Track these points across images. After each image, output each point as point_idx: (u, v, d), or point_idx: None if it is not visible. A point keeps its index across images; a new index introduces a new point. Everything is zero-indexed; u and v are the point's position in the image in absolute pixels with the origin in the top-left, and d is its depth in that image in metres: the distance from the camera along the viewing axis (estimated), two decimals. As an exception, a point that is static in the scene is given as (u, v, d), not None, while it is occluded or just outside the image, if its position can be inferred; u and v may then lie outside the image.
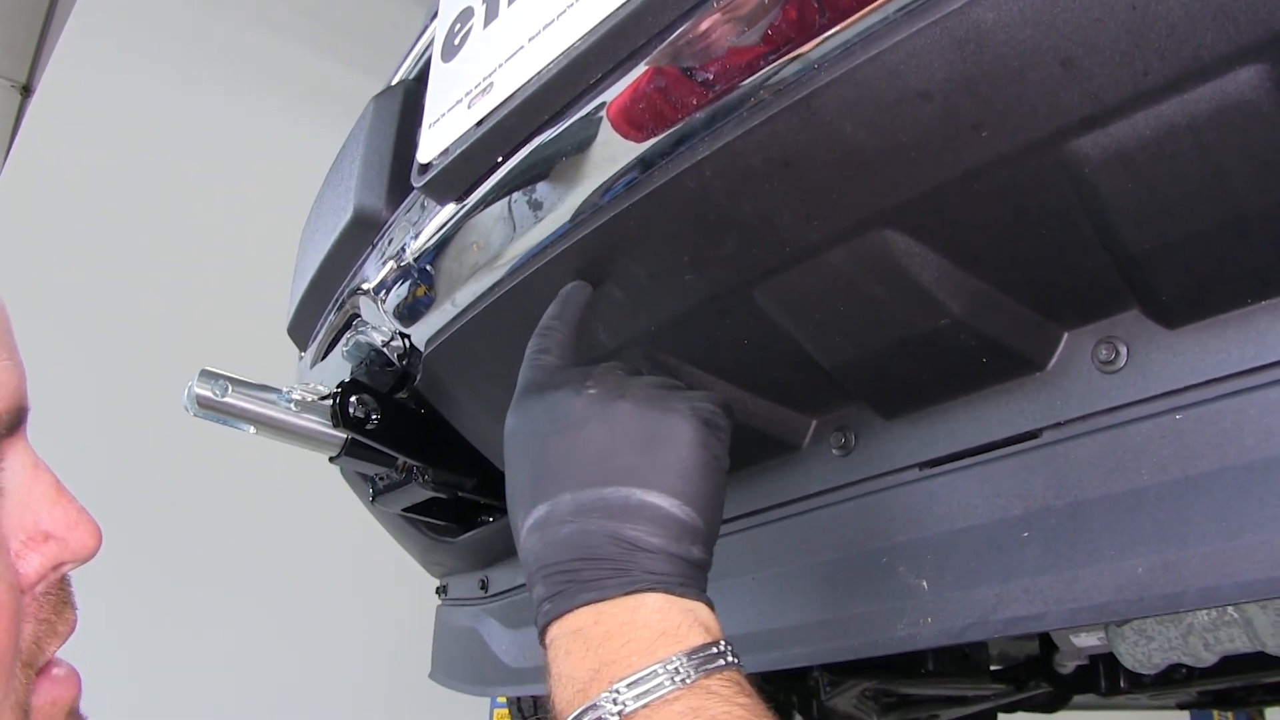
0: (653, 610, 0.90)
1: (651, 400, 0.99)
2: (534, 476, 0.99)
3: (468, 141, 1.21)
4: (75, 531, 0.83)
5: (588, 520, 0.93)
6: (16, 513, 0.80)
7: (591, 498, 0.94)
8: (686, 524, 0.94)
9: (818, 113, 0.91)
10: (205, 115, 5.30)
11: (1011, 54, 0.81)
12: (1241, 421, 0.92)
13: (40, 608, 0.82)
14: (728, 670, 0.88)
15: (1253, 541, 0.88)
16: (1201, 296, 0.94)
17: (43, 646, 0.82)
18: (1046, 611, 1.01)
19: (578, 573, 0.92)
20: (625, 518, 0.93)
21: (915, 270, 1.00)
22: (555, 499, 0.96)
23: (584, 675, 0.88)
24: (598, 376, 1.03)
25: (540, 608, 0.95)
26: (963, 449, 1.14)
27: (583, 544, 0.93)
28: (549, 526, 0.95)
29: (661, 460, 0.95)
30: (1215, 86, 0.77)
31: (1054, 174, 0.88)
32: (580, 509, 0.94)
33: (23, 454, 0.81)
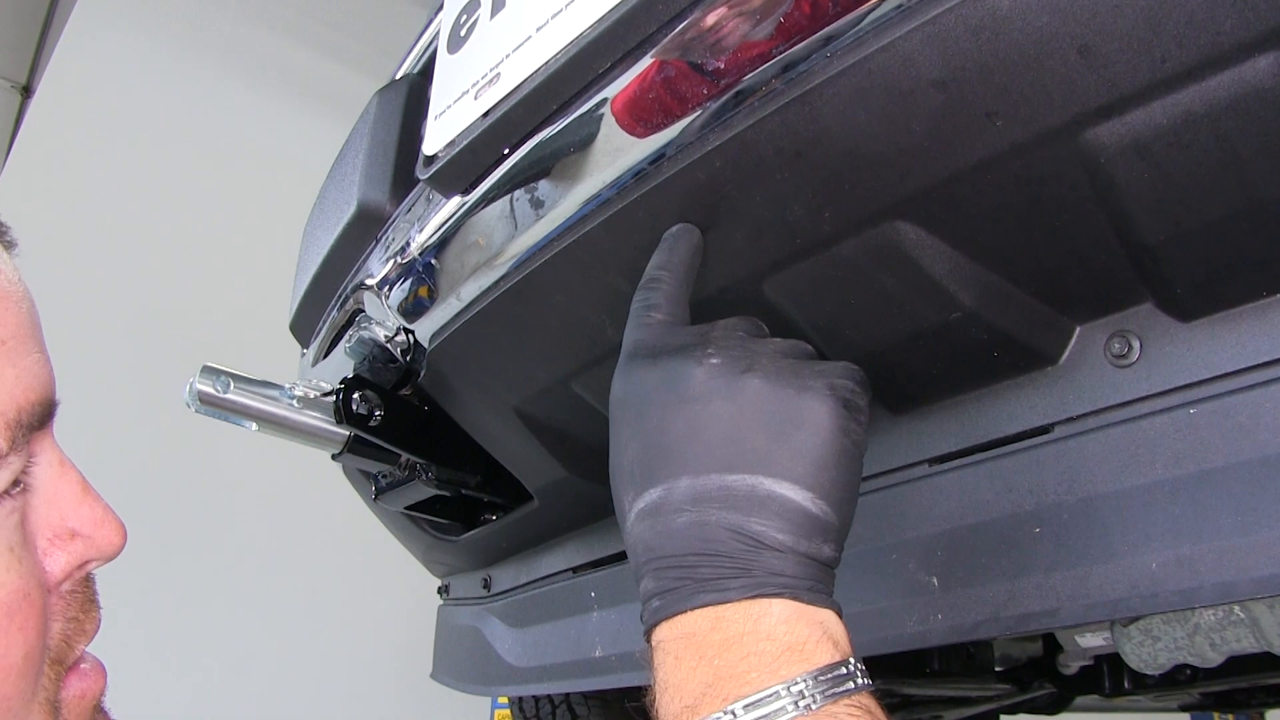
0: (778, 620, 0.81)
1: (783, 376, 0.88)
2: (646, 455, 0.89)
3: (474, 133, 1.20)
4: (102, 530, 0.83)
5: (708, 510, 0.84)
6: (44, 510, 0.81)
7: (713, 485, 0.85)
8: (819, 519, 0.85)
9: (830, 102, 0.90)
10: (206, 115, 5.31)
11: (1027, 41, 0.80)
12: (1257, 415, 0.91)
13: (68, 606, 0.83)
14: (858, 694, 0.79)
15: (1269, 536, 0.87)
16: (1216, 289, 0.93)
17: (72, 644, 0.83)
18: (1059, 608, 1.00)
19: (694, 569, 0.84)
20: (751, 510, 0.83)
21: (927, 262, 0.99)
22: (671, 483, 0.86)
23: (695, 688, 0.80)
24: (720, 341, 0.92)
25: (648, 604, 0.87)
26: (973, 444, 1.13)
27: (701, 536, 0.84)
28: (663, 514, 0.86)
29: (795, 446, 0.85)
30: (1234, 74, 0.77)
31: (1069, 163, 0.87)
32: (700, 497, 0.85)
33: (50, 451, 0.82)
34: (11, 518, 0.76)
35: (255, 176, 5.25)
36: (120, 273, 4.70)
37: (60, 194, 4.70)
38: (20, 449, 0.76)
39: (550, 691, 2.00)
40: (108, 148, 4.90)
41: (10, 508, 0.76)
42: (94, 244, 4.68)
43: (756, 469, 0.85)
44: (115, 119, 4.99)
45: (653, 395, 0.91)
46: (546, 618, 1.90)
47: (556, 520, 1.79)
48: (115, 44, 5.10)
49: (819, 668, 0.79)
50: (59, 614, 0.82)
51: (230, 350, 3.04)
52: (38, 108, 5.07)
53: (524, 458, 1.64)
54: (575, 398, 1.41)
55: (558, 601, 1.86)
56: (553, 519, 1.79)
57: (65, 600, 0.83)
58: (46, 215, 4.60)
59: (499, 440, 1.66)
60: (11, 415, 0.75)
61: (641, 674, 1.43)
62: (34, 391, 0.77)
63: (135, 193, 4.89)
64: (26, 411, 0.76)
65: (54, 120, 4.89)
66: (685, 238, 1.06)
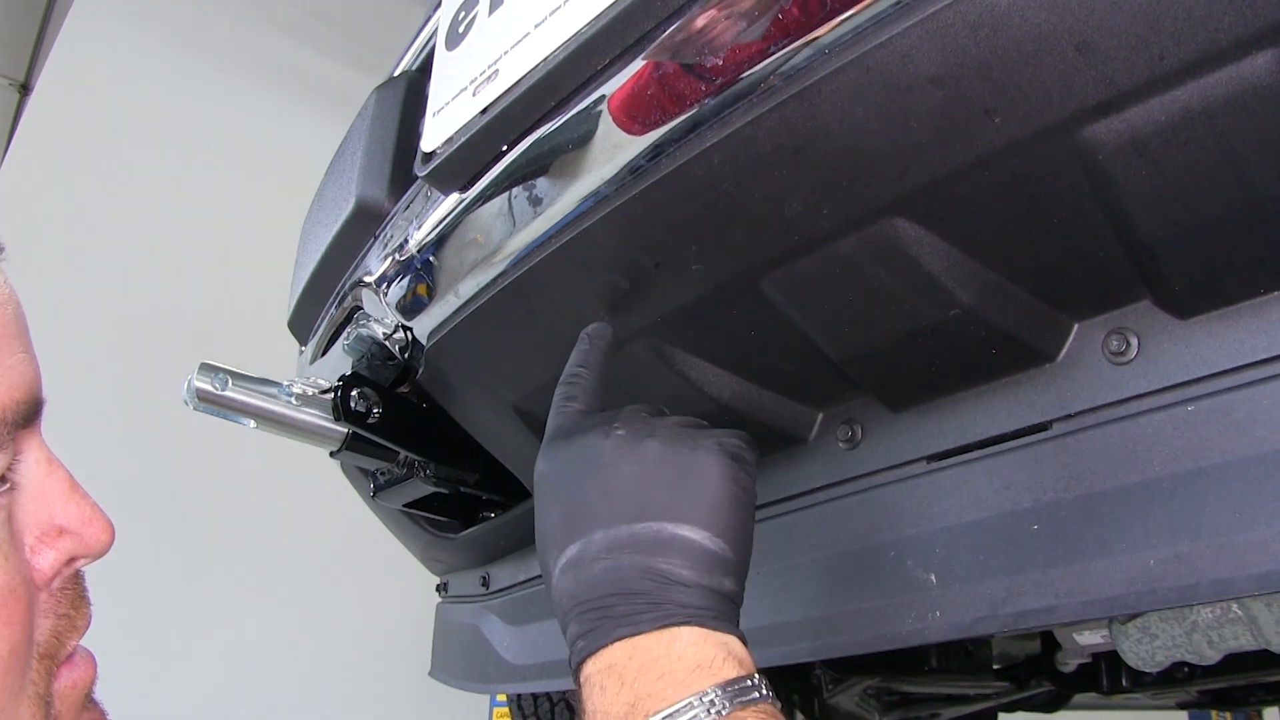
0: (688, 643, 0.89)
1: (679, 438, 0.99)
2: (566, 517, 0.99)
3: (473, 129, 1.21)
4: (89, 527, 0.85)
5: (620, 556, 0.93)
6: (31, 508, 0.82)
7: (623, 534, 0.94)
8: (718, 556, 0.94)
9: (828, 99, 0.90)
10: (204, 112, 5.30)
11: (1026, 37, 0.80)
12: (1254, 413, 0.91)
13: (59, 603, 0.84)
14: (761, 703, 0.87)
15: (1266, 533, 0.87)
16: (1214, 286, 0.93)
17: (63, 640, 0.84)
18: (1057, 605, 1.00)
19: (611, 608, 0.92)
20: (657, 552, 0.92)
21: (925, 259, 0.99)
22: (587, 537, 0.95)
23: (619, 711, 0.88)
24: (625, 419, 1.03)
25: (574, 645, 0.94)
26: (971, 441, 1.13)
27: (616, 579, 0.92)
28: (582, 564, 0.95)
29: (691, 494, 0.95)
30: (1232, 71, 0.77)
31: (1067, 160, 0.87)
32: (612, 545, 0.94)
33: (37, 449, 0.83)
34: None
35: (254, 173, 5.25)
36: (119, 269, 4.70)
37: (58, 191, 4.69)
38: (5, 447, 0.77)
39: (548, 689, 2.01)
40: (106, 145, 4.90)
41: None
42: (92, 241, 4.68)
43: (660, 516, 0.95)
44: (114, 116, 4.98)
45: (569, 468, 1.02)
46: (544, 615, 1.90)
47: (555, 517, 1.79)
48: (113, 41, 5.10)
49: (726, 680, 0.87)
50: (49, 611, 0.83)
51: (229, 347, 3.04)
52: (36, 105, 5.06)
53: (522, 455, 1.64)
54: (573, 395, 1.40)
55: (556, 599, 1.86)
56: (551, 516, 1.79)
57: (55, 597, 0.84)
58: (44, 212, 4.60)
59: (497, 437, 1.66)
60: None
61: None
62: (18, 390, 0.78)
63: (134, 190, 4.88)
64: (11, 410, 0.77)
65: (52, 118, 4.88)
66: (601, 336, 1.19)
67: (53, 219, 4.59)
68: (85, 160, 4.83)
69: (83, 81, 4.96)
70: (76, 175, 4.77)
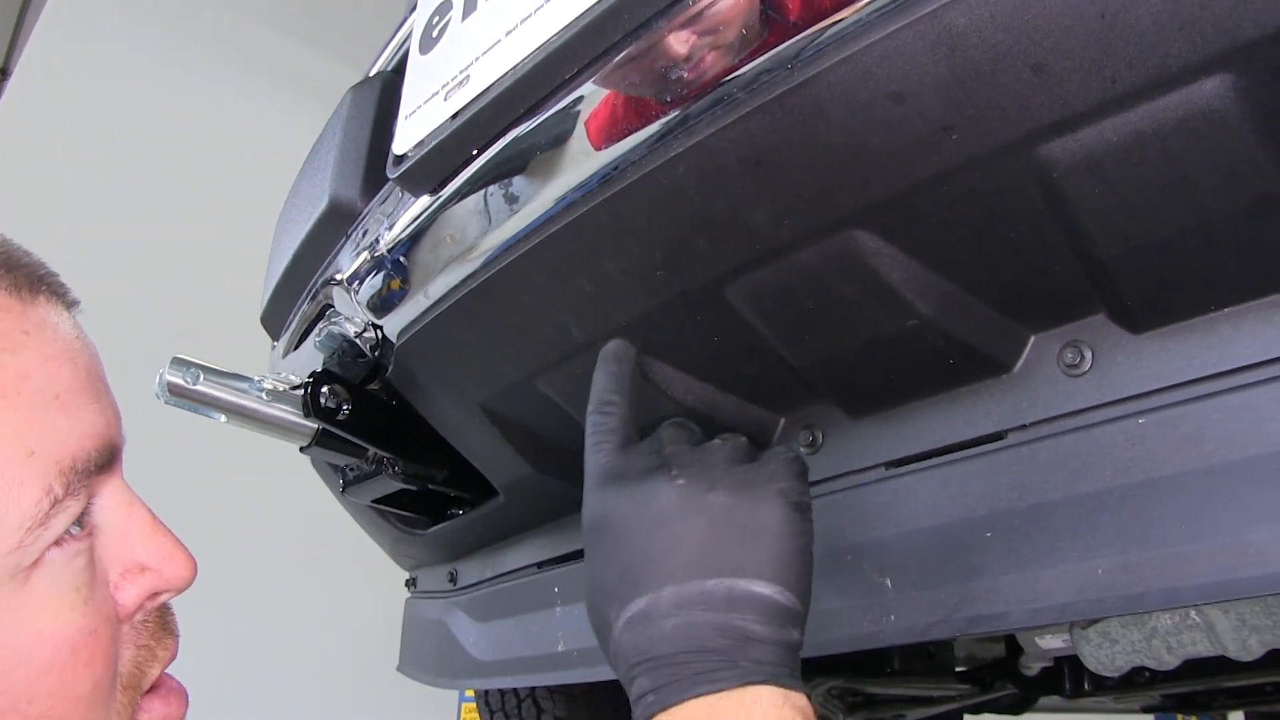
0: (768, 705, 0.89)
1: (742, 490, 0.97)
2: (629, 570, 0.97)
3: (443, 134, 1.22)
4: (170, 564, 0.90)
5: (692, 613, 0.92)
6: (114, 547, 0.87)
7: (695, 590, 0.93)
8: (788, 609, 0.94)
9: (790, 112, 0.92)
10: (183, 101, 5.28)
11: (983, 58, 0.81)
12: (1203, 426, 0.93)
13: (139, 635, 0.89)
14: None
15: (1213, 544, 0.89)
16: (1166, 302, 0.95)
17: (144, 670, 0.89)
18: (1008, 611, 1.02)
19: (686, 665, 0.90)
20: (731, 609, 0.92)
21: (885, 271, 1.01)
22: (655, 593, 0.94)
23: None
24: (678, 460, 1.01)
25: (643, 700, 0.93)
26: (929, 449, 1.15)
27: (690, 636, 0.91)
28: (651, 620, 0.93)
29: (761, 550, 0.94)
30: (1182, 95, 0.78)
31: (1023, 178, 0.89)
32: (684, 602, 0.93)
33: (119, 491, 0.88)
34: (77, 560, 0.82)
35: (233, 164, 5.22)
36: (94, 259, 4.66)
37: (35, 178, 4.67)
38: (78, 493, 0.81)
39: (515, 685, 2.01)
40: (84, 132, 4.87)
41: (75, 550, 0.82)
42: (67, 229, 4.65)
43: (731, 573, 0.93)
44: (92, 103, 4.95)
45: (628, 517, 0.99)
46: (511, 612, 1.91)
47: (522, 516, 1.80)
48: (93, 27, 5.07)
49: None
50: (130, 642, 0.88)
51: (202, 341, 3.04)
52: (14, 91, 5.04)
53: (490, 454, 1.65)
54: (540, 396, 1.41)
55: (522, 596, 1.87)
56: (518, 515, 1.80)
57: (138, 630, 0.89)
58: (20, 199, 4.57)
59: (465, 436, 1.66)
60: (67, 463, 0.80)
61: (602, 669, 1.45)
62: (89, 440, 0.82)
63: (111, 179, 4.86)
64: (82, 459, 0.81)
65: (30, 104, 4.86)
66: (625, 357, 1.14)
67: (28, 206, 4.56)
68: (62, 148, 4.80)
69: (61, 68, 4.93)
70: (54, 162, 4.75)
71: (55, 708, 0.79)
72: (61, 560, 0.80)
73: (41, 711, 0.78)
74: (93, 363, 0.87)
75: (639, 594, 0.95)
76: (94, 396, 0.85)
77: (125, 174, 4.92)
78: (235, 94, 5.52)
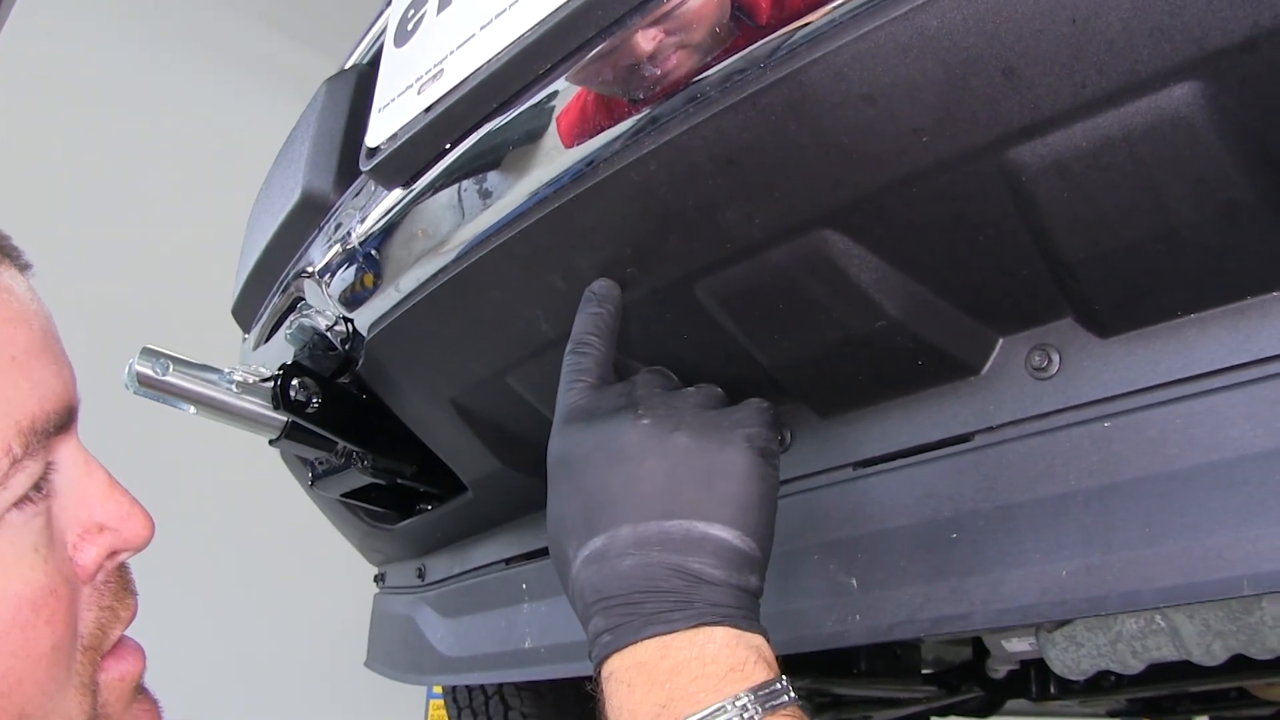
0: (720, 645, 0.89)
1: (707, 432, 0.98)
2: (588, 508, 0.98)
3: (416, 127, 1.21)
4: (128, 522, 0.90)
5: (649, 553, 0.93)
6: (72, 508, 0.87)
7: (652, 530, 0.94)
8: (746, 554, 0.94)
9: (762, 111, 0.92)
10: (155, 90, 5.24)
11: (954, 61, 0.82)
12: (1167, 431, 0.93)
13: (102, 596, 0.90)
14: (790, 706, 0.89)
15: (1174, 548, 0.90)
16: (1133, 307, 0.96)
17: (106, 631, 0.90)
18: (972, 612, 1.03)
19: (640, 605, 0.92)
20: (688, 550, 0.92)
21: (854, 271, 1.01)
22: (613, 531, 0.95)
23: (648, 711, 0.88)
24: (646, 401, 1.02)
25: (598, 639, 0.94)
26: (896, 450, 1.16)
27: (645, 576, 0.92)
28: (607, 559, 0.94)
29: (721, 493, 0.95)
30: (1150, 101, 0.79)
31: (992, 181, 0.89)
32: (641, 541, 0.93)
33: (75, 452, 0.88)
34: (36, 520, 0.82)
35: (205, 156, 5.19)
36: (64, 249, 4.63)
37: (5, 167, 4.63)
38: (37, 454, 0.81)
39: (481, 681, 2.02)
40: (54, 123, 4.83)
41: (34, 511, 0.82)
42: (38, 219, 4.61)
43: (690, 514, 0.94)
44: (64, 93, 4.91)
45: (590, 455, 1.00)
46: (478, 608, 1.91)
47: (490, 512, 1.80)
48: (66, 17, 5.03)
49: (757, 684, 0.88)
50: (93, 603, 0.89)
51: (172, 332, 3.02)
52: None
53: (459, 449, 1.65)
54: (510, 391, 1.42)
55: (490, 592, 1.87)
56: (486, 511, 1.80)
57: (99, 590, 0.90)
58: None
59: (435, 431, 1.66)
60: (26, 424, 0.80)
61: (568, 666, 1.45)
62: (49, 401, 0.83)
63: (82, 169, 4.82)
64: (41, 420, 0.82)
65: (3, 98, 4.82)
66: (608, 299, 1.14)
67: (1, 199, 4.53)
68: (33, 137, 4.76)
69: (33, 57, 4.89)
70: (24, 151, 4.71)
71: (16, 667, 0.79)
72: (21, 521, 0.80)
73: (3, 671, 0.78)
74: (48, 325, 0.87)
75: (597, 532, 0.96)
76: (51, 358, 0.85)
77: (96, 164, 4.89)
78: (209, 84, 5.49)
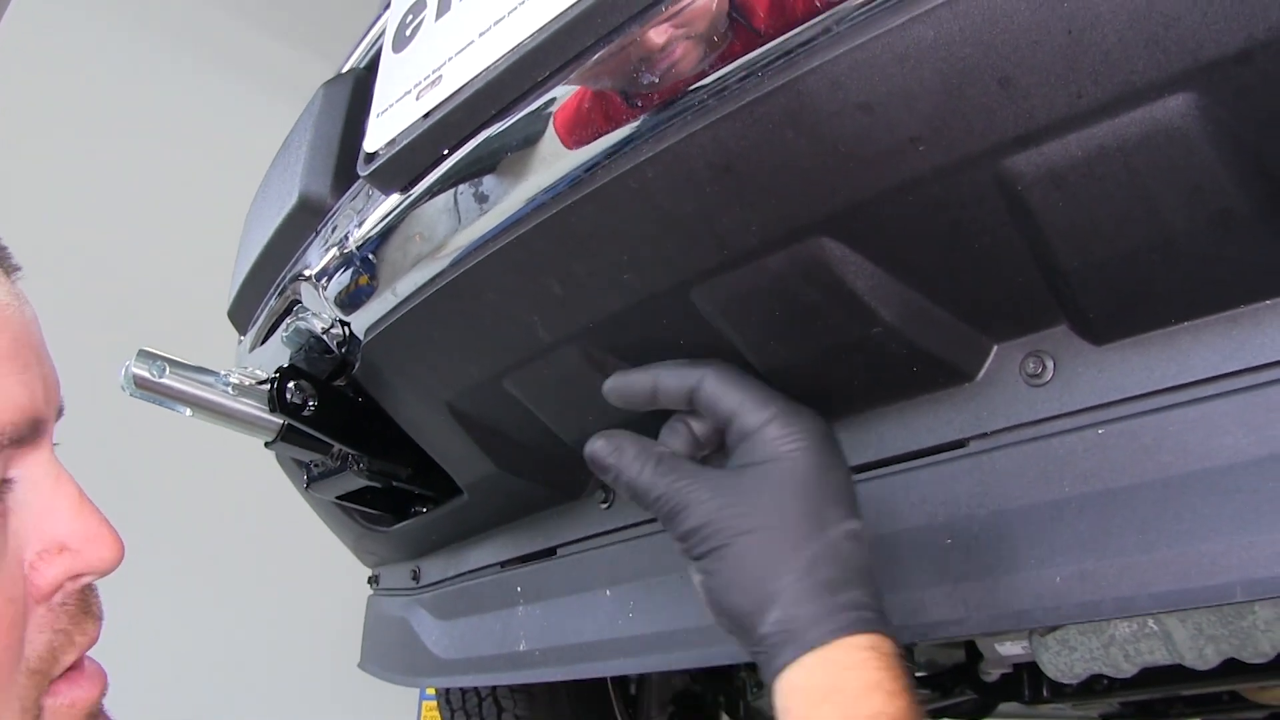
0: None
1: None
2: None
3: (414, 133, 1.22)
4: (93, 544, 0.85)
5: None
6: (34, 523, 0.83)
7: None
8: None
9: (760, 119, 0.92)
10: (153, 92, 5.24)
11: (950, 71, 0.82)
12: (1161, 438, 0.94)
13: (57, 618, 0.85)
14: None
15: (1168, 554, 0.90)
16: (1127, 315, 0.97)
17: (58, 656, 0.84)
18: (967, 617, 1.03)
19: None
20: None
21: (850, 278, 1.02)
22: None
23: None
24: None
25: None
26: (891, 455, 1.16)
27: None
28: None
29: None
30: (1145, 112, 0.80)
31: (988, 189, 0.90)
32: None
33: (44, 465, 0.84)
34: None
35: (202, 158, 5.19)
36: (61, 250, 4.64)
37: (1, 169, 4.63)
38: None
39: (476, 684, 2.01)
40: (51, 124, 4.83)
41: None
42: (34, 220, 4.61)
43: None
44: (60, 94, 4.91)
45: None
46: (473, 610, 1.91)
47: (485, 515, 1.80)
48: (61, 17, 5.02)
49: None
50: (46, 625, 0.84)
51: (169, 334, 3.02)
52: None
53: (454, 452, 1.65)
54: (506, 395, 1.42)
55: (484, 595, 1.87)
56: (481, 514, 1.80)
57: (55, 613, 0.85)
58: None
59: (430, 434, 1.67)
60: None
61: (562, 669, 1.45)
62: (9, 412, 0.79)
63: (78, 170, 4.82)
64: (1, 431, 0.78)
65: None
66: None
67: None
68: (29, 138, 4.76)
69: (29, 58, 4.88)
70: (20, 153, 4.71)
71: None
72: None
73: None
74: (24, 331, 0.84)
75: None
76: (19, 367, 0.81)
77: (94, 165, 4.89)
78: (206, 86, 5.49)
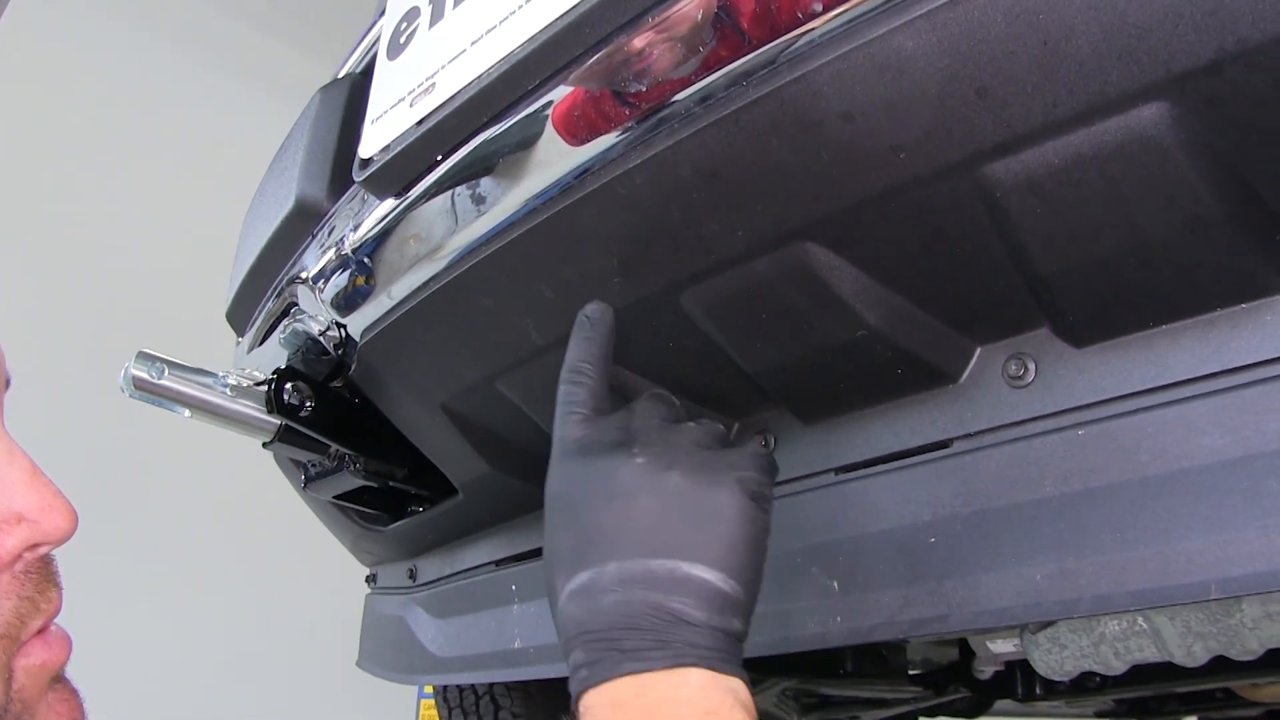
0: (696, 687, 0.89)
1: (700, 472, 0.97)
2: (578, 542, 0.98)
3: (408, 139, 1.23)
4: (49, 514, 0.88)
5: (632, 590, 0.92)
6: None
7: (638, 569, 0.93)
8: (729, 596, 0.93)
9: (745, 127, 0.94)
10: (150, 94, 5.24)
11: (930, 81, 0.84)
12: (1139, 439, 0.96)
13: (22, 585, 0.87)
14: None
15: (1145, 553, 0.92)
16: (1106, 318, 0.98)
17: (25, 621, 0.87)
18: (949, 614, 1.05)
19: (619, 642, 0.91)
20: (672, 590, 0.92)
21: (835, 282, 1.03)
22: (600, 567, 0.95)
23: None
24: (643, 437, 1.02)
25: (577, 673, 0.94)
26: (877, 456, 1.18)
27: (626, 613, 0.92)
28: (592, 593, 0.94)
29: (709, 534, 0.94)
30: (1119, 121, 0.81)
31: (968, 196, 0.92)
32: (626, 579, 0.93)
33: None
34: None
35: (200, 161, 5.19)
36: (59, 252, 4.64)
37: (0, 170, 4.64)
38: None
39: (471, 681, 2.03)
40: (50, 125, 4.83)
41: None
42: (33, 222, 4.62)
43: (676, 555, 0.93)
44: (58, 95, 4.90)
45: (585, 491, 1.00)
46: (469, 609, 1.92)
47: (480, 514, 1.82)
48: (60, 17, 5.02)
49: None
50: (12, 592, 0.86)
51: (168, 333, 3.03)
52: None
53: (450, 453, 1.67)
54: (500, 396, 1.43)
55: (480, 593, 1.88)
56: (477, 513, 1.81)
57: (19, 580, 0.87)
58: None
59: (426, 435, 1.68)
60: None
61: (557, 666, 1.47)
62: None
63: (76, 172, 4.82)
64: None
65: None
66: (602, 322, 1.15)
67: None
68: (27, 138, 4.76)
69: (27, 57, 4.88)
70: (18, 153, 4.71)
71: None
72: None
73: None
74: None
75: (585, 567, 0.96)
76: None
77: (92, 167, 4.89)
78: (206, 88, 5.49)
